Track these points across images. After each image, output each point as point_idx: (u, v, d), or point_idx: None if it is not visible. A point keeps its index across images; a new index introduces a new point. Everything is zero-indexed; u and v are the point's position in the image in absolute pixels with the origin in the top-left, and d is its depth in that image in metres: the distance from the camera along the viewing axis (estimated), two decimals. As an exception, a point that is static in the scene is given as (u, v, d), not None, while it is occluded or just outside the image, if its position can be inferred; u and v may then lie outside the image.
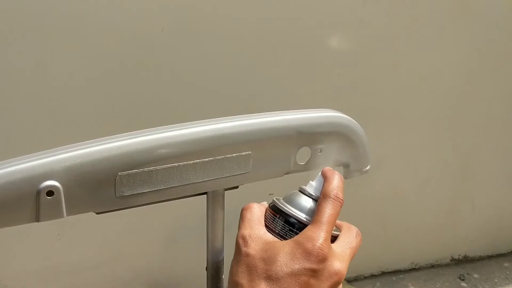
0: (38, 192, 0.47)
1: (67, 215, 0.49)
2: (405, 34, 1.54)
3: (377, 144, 1.64)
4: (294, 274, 0.46)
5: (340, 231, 0.53)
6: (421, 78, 1.63)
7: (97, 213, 0.53)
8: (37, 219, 0.48)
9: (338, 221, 0.54)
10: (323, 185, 0.53)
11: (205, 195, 0.60)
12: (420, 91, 1.64)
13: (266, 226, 0.52)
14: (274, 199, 0.54)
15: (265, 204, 0.55)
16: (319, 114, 0.63)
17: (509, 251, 2.05)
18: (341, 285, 0.49)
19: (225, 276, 0.67)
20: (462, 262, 1.98)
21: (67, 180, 0.48)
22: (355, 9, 1.45)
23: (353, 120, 0.66)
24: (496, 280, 1.89)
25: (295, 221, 0.51)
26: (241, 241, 0.50)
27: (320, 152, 0.63)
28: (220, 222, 0.64)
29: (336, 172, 0.54)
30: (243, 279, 0.47)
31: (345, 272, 0.48)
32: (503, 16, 1.64)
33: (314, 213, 0.51)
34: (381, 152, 1.67)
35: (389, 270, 1.89)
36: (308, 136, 0.62)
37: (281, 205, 0.53)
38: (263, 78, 1.43)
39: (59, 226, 1.40)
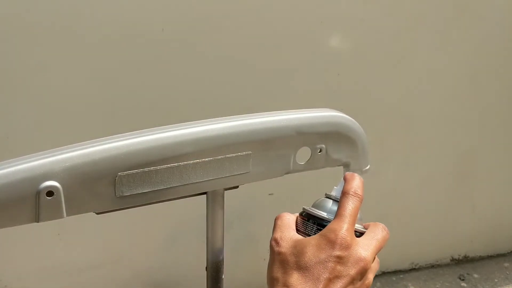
0: (38, 193, 0.47)
1: (67, 215, 0.49)
2: (405, 34, 1.54)
3: (377, 144, 1.65)
4: (321, 262, 0.50)
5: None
6: (421, 78, 1.63)
7: (97, 213, 0.53)
8: (37, 219, 0.48)
9: (366, 223, 0.58)
10: (344, 185, 0.57)
11: (205, 195, 0.60)
12: (420, 91, 1.64)
13: (297, 231, 0.56)
14: (303, 207, 0.59)
15: (296, 214, 0.59)
16: (319, 114, 0.64)
17: (509, 251, 2.05)
18: (370, 273, 0.53)
19: (225, 276, 0.67)
20: (462, 262, 1.98)
21: (67, 181, 0.48)
22: (355, 9, 1.45)
23: (353, 120, 0.66)
24: (496, 280, 1.89)
25: (322, 220, 0.55)
26: (273, 243, 0.54)
27: (320, 151, 0.63)
28: (220, 222, 0.64)
29: (355, 174, 0.58)
30: (278, 273, 0.52)
31: (371, 260, 0.52)
32: (503, 16, 1.64)
33: None
34: (381, 152, 1.67)
35: (389, 270, 1.89)
36: (308, 136, 0.62)
37: (309, 209, 0.57)
38: (263, 78, 1.43)
39: (59, 226, 1.40)
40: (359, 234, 0.55)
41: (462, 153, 1.81)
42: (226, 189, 0.61)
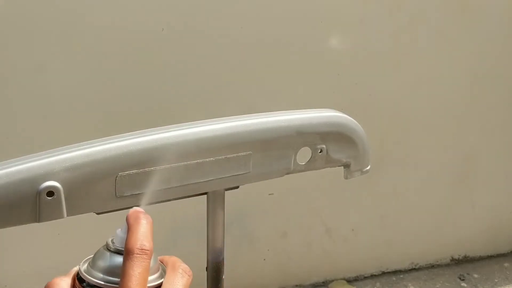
0: (39, 193, 0.47)
1: (67, 216, 0.49)
2: (405, 34, 1.54)
3: (377, 144, 1.65)
4: None
5: (165, 272, 0.46)
6: (421, 78, 1.63)
7: (98, 214, 0.53)
8: (38, 219, 0.48)
9: (165, 257, 0.48)
10: (127, 237, 0.44)
11: (205, 195, 0.60)
12: (420, 91, 1.64)
13: None
14: (80, 266, 0.46)
15: (72, 275, 0.46)
16: (319, 114, 0.64)
17: (509, 251, 2.05)
18: None
19: (225, 276, 0.67)
20: (462, 262, 1.98)
21: (67, 181, 0.48)
22: (355, 9, 1.45)
23: (353, 120, 0.66)
24: (496, 280, 1.89)
25: None
26: None
27: (320, 152, 0.63)
28: (220, 222, 0.64)
29: (141, 215, 0.46)
30: None
31: None
32: (503, 16, 1.64)
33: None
34: (381, 152, 1.67)
35: (389, 270, 1.89)
36: (309, 136, 0.62)
37: (84, 274, 0.44)
38: (263, 78, 1.43)
39: (59, 226, 1.40)
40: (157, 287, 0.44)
41: (462, 153, 1.81)
42: (226, 190, 0.61)
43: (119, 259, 0.44)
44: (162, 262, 0.48)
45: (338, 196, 1.65)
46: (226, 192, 0.61)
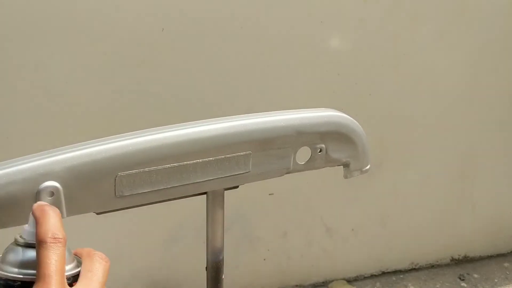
0: (38, 193, 0.47)
1: (67, 216, 0.49)
2: (405, 34, 1.54)
3: (377, 143, 1.65)
4: None
5: (81, 262, 0.45)
6: (421, 78, 1.63)
7: (97, 213, 0.53)
8: (37, 219, 0.48)
9: (78, 249, 0.47)
10: (36, 228, 0.42)
11: (205, 195, 0.60)
12: (420, 90, 1.64)
13: None
14: None
15: None
16: (319, 113, 0.64)
17: (509, 251, 2.05)
18: None
19: (225, 276, 0.67)
20: (462, 262, 1.98)
21: (67, 181, 0.48)
22: (355, 9, 1.45)
23: (353, 120, 0.66)
24: (496, 280, 1.89)
25: (15, 284, 0.42)
26: None
27: (320, 151, 0.63)
28: (220, 222, 0.64)
29: (47, 208, 0.44)
30: None
31: None
32: (503, 16, 1.64)
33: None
34: (381, 152, 1.67)
35: (389, 270, 1.89)
36: (308, 136, 0.62)
37: None
38: (263, 78, 1.43)
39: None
40: (73, 278, 0.43)
41: (462, 153, 1.81)
42: (226, 189, 0.61)
43: (32, 253, 0.42)
44: (76, 255, 0.47)
45: (338, 196, 1.65)
46: (226, 192, 0.61)
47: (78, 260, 0.46)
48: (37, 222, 0.43)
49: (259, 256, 1.65)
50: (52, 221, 0.42)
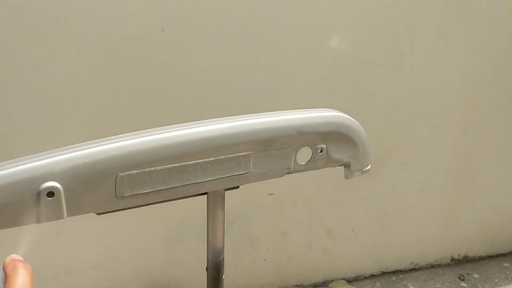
0: (39, 193, 0.47)
1: (67, 216, 0.49)
2: (405, 34, 1.54)
3: (377, 144, 1.65)
4: None
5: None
6: (421, 78, 1.63)
7: (98, 214, 0.53)
8: (38, 220, 0.48)
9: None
10: (5, 285, 0.42)
11: (206, 195, 0.60)
12: (420, 91, 1.64)
13: None
14: None
15: None
16: (319, 114, 0.63)
17: (509, 251, 2.05)
18: None
19: (225, 276, 0.67)
20: (462, 262, 1.98)
21: (67, 181, 0.48)
22: (355, 9, 1.45)
23: (354, 120, 0.66)
24: (496, 280, 1.89)
25: None
26: None
27: (320, 152, 0.63)
28: (220, 222, 0.64)
29: (19, 264, 0.43)
30: None
31: None
32: (503, 16, 1.64)
33: None
34: (381, 152, 1.67)
35: (389, 270, 1.89)
36: (309, 136, 0.62)
37: None
38: (263, 78, 1.43)
39: (59, 226, 1.40)
40: None
41: (462, 153, 1.81)
42: (226, 189, 0.61)
43: None
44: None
45: (338, 196, 1.65)
46: (226, 192, 0.61)
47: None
48: (6, 281, 0.42)
49: (259, 256, 1.65)
50: (21, 281, 0.42)
